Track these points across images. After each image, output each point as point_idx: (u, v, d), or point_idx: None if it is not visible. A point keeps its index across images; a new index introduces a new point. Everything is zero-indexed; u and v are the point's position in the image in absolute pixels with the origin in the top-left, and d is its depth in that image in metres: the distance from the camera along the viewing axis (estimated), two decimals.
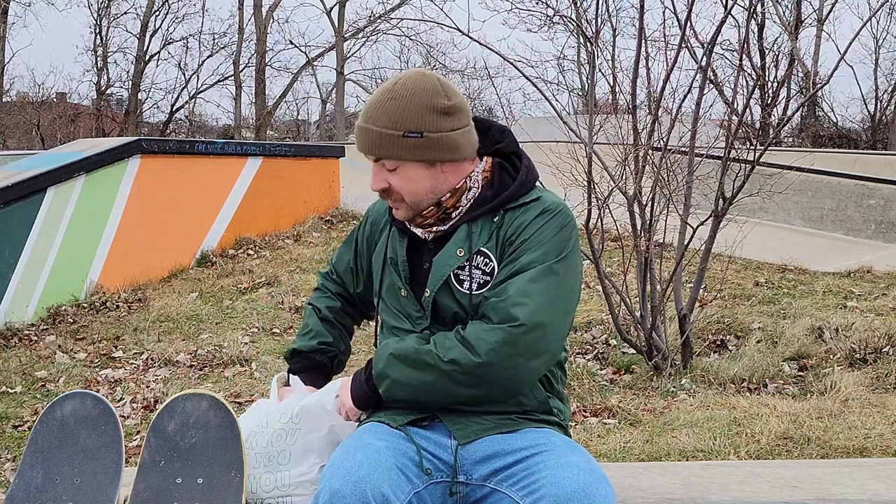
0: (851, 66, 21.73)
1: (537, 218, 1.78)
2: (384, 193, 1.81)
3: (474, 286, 1.77)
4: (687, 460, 3.42)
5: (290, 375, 2.03)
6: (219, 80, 27.50)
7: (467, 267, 1.77)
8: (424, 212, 1.80)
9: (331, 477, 1.58)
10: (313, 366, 2.05)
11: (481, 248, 1.78)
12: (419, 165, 1.76)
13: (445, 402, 1.74)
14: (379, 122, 1.74)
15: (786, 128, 19.12)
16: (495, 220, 1.80)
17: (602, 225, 4.79)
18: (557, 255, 1.75)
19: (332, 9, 26.39)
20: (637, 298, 4.91)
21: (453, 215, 1.81)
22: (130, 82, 26.39)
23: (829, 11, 22.09)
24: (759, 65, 5.12)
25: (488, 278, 1.77)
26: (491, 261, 1.78)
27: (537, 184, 1.88)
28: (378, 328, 2.01)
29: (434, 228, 1.83)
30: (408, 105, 1.73)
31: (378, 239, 1.97)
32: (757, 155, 4.67)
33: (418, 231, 1.84)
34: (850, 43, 4.96)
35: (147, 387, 4.67)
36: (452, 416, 1.77)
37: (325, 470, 1.63)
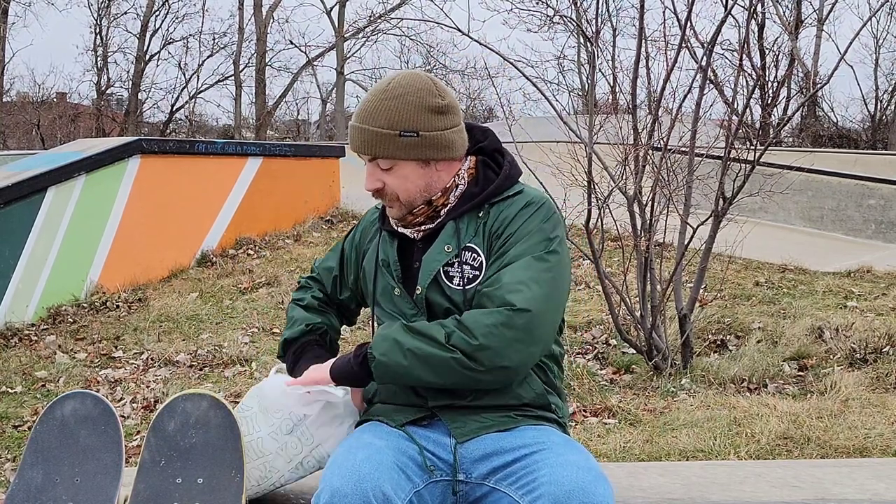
0: (851, 66, 21.69)
1: (522, 211, 1.79)
2: (378, 193, 1.83)
3: (464, 281, 1.78)
4: (687, 460, 3.42)
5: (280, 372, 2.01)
6: (219, 80, 27.49)
7: (456, 263, 1.79)
8: (415, 210, 1.82)
9: (331, 476, 1.58)
10: (308, 348, 2.02)
11: (468, 244, 1.80)
12: (414, 164, 1.78)
13: (441, 382, 1.72)
14: (374, 121, 1.75)
15: (786, 128, 19.13)
16: (480, 214, 1.82)
17: (602, 225, 4.79)
18: (546, 245, 1.76)
19: (332, 9, 26.40)
20: (637, 298, 4.91)
21: (441, 213, 1.83)
22: (130, 82, 26.38)
23: (829, 11, 22.08)
24: (759, 65, 5.13)
25: (477, 273, 1.78)
26: (479, 255, 1.79)
27: (520, 180, 1.90)
28: (374, 333, 2.00)
29: (423, 227, 1.84)
30: (403, 105, 1.75)
31: (368, 246, 1.98)
32: (757, 155, 4.67)
33: (407, 231, 1.86)
34: (850, 43, 4.97)
35: (147, 387, 4.67)
36: (451, 414, 1.77)
37: (326, 469, 1.63)
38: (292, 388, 1.84)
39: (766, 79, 5.32)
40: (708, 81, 4.83)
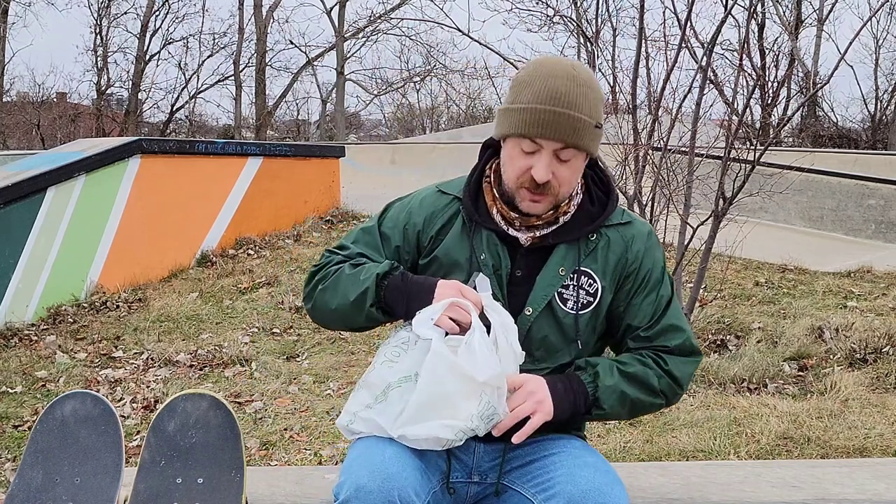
0: (851, 66, 21.74)
1: (649, 244, 1.78)
2: (542, 186, 1.66)
3: (578, 306, 1.72)
4: (687, 460, 3.42)
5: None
6: (219, 80, 27.51)
7: (571, 286, 1.73)
8: (542, 215, 1.72)
9: (358, 469, 1.53)
10: (409, 275, 1.73)
11: (583, 268, 1.73)
12: (584, 157, 1.70)
13: (629, 418, 1.83)
14: (579, 109, 1.63)
15: (786, 128, 19.12)
16: (592, 237, 1.75)
17: None
18: (671, 279, 1.82)
19: (332, 9, 26.42)
20: None
21: (560, 220, 1.74)
22: (130, 82, 26.40)
23: (829, 11, 22.12)
24: (759, 65, 5.13)
25: (592, 299, 1.73)
26: (595, 281, 1.74)
27: None
28: None
29: (538, 232, 1.73)
30: (595, 94, 1.67)
31: (439, 235, 1.78)
32: (757, 155, 4.67)
33: (520, 235, 1.73)
34: (850, 43, 4.97)
35: (147, 387, 4.67)
36: None
37: (350, 461, 1.58)
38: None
39: (766, 79, 5.32)
40: (708, 81, 4.84)
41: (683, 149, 4.91)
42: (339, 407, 4.13)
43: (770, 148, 4.92)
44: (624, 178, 4.79)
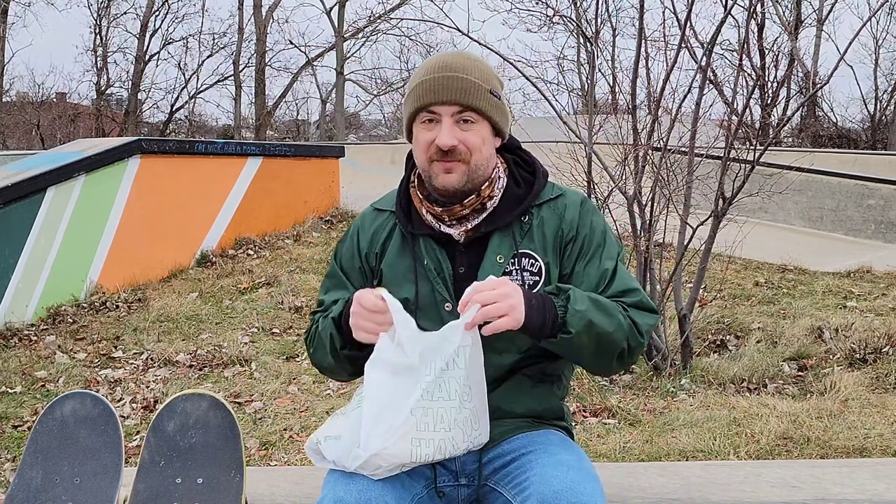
0: (851, 66, 21.76)
1: (583, 211, 1.79)
2: (450, 153, 1.68)
3: (525, 288, 1.70)
4: (687, 460, 3.42)
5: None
6: (219, 80, 27.53)
7: (514, 271, 1.73)
8: (465, 201, 1.72)
9: (335, 484, 1.57)
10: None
11: (522, 250, 1.74)
12: (489, 129, 1.73)
13: (587, 363, 1.72)
14: (470, 73, 1.69)
15: (786, 128, 19.12)
16: (525, 219, 1.76)
17: None
18: (617, 243, 1.82)
19: (332, 9, 26.43)
20: None
21: (487, 205, 1.75)
22: (130, 82, 26.40)
23: (829, 11, 22.13)
24: (759, 65, 5.12)
25: (537, 278, 1.73)
26: (537, 260, 1.74)
27: None
28: None
29: (469, 224, 1.74)
30: (486, 68, 1.74)
31: (383, 251, 1.82)
32: (757, 155, 4.67)
33: (453, 231, 1.75)
34: (850, 43, 4.97)
35: (147, 387, 4.67)
36: None
37: (329, 475, 1.62)
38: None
39: (766, 79, 5.31)
40: (708, 81, 4.83)
41: (683, 149, 4.90)
42: (338, 407, 4.12)
43: (770, 148, 4.92)
44: (624, 178, 4.79)
